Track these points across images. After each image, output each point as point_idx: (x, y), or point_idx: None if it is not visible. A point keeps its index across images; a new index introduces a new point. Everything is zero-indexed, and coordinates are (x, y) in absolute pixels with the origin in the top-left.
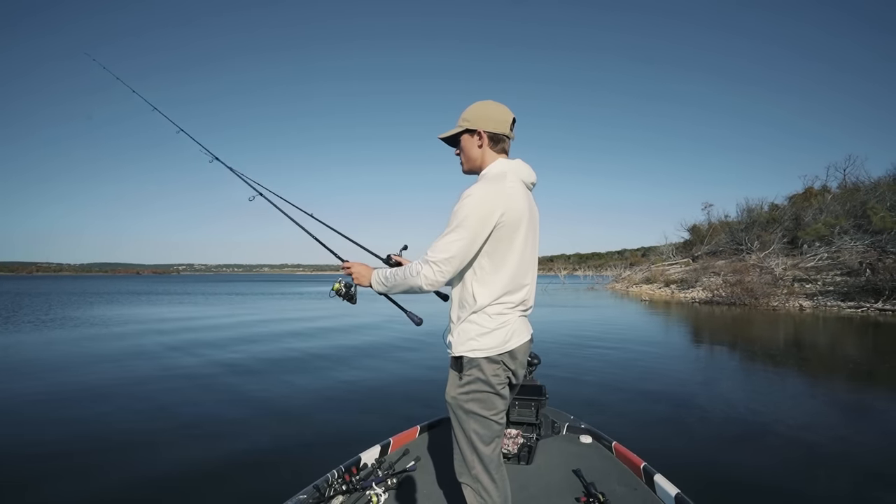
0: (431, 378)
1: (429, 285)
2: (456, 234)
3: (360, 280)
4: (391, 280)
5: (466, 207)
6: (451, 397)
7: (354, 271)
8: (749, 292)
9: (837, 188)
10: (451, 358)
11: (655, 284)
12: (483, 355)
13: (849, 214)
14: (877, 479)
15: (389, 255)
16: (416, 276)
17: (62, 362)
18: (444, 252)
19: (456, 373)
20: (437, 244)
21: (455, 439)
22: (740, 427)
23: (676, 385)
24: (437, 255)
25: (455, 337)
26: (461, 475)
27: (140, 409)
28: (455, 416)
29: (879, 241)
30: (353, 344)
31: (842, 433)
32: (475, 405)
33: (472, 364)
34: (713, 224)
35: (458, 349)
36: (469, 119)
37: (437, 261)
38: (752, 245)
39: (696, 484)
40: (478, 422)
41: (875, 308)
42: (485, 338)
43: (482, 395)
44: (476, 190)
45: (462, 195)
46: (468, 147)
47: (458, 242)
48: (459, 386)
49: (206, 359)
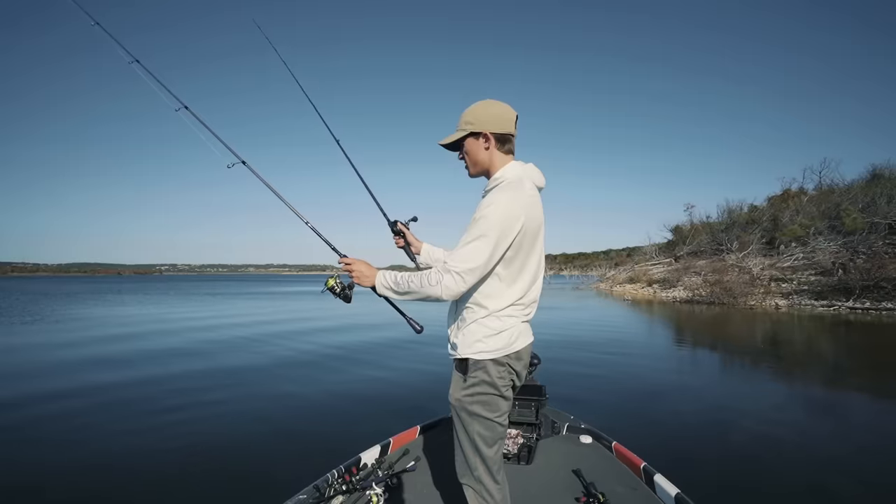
0: (431, 378)
1: (449, 296)
2: (481, 242)
3: (361, 280)
4: (403, 285)
5: (492, 217)
6: (455, 399)
7: (355, 270)
8: (728, 291)
9: (813, 190)
10: (456, 360)
11: (638, 284)
12: (489, 357)
13: (823, 216)
14: (876, 478)
15: (396, 221)
16: (435, 286)
17: (57, 366)
18: (468, 262)
19: (460, 374)
20: (461, 253)
21: (458, 441)
22: (741, 427)
23: (677, 385)
24: (460, 264)
25: (460, 339)
26: (463, 476)
27: (140, 408)
28: (459, 418)
29: (851, 241)
30: (353, 344)
31: (842, 433)
32: (479, 407)
33: (478, 366)
34: (695, 225)
35: (463, 351)
36: (472, 121)
37: (460, 271)
38: (731, 245)
39: (697, 484)
40: (482, 424)
41: (846, 307)
42: (491, 339)
43: (487, 397)
44: (499, 198)
45: (484, 203)
46: (474, 150)
47: (483, 252)
48: (464, 388)
49: (204, 359)
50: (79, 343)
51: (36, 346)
